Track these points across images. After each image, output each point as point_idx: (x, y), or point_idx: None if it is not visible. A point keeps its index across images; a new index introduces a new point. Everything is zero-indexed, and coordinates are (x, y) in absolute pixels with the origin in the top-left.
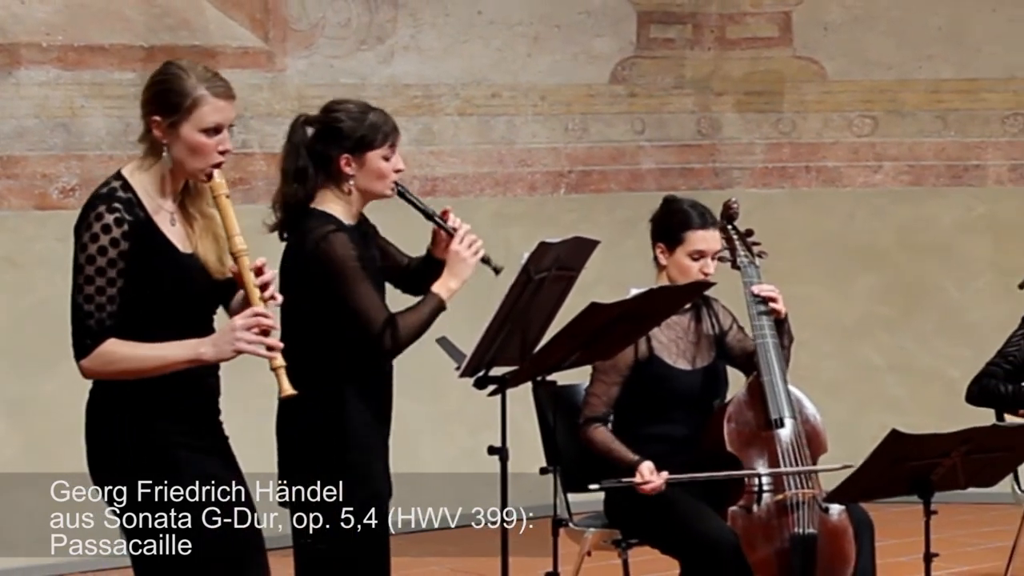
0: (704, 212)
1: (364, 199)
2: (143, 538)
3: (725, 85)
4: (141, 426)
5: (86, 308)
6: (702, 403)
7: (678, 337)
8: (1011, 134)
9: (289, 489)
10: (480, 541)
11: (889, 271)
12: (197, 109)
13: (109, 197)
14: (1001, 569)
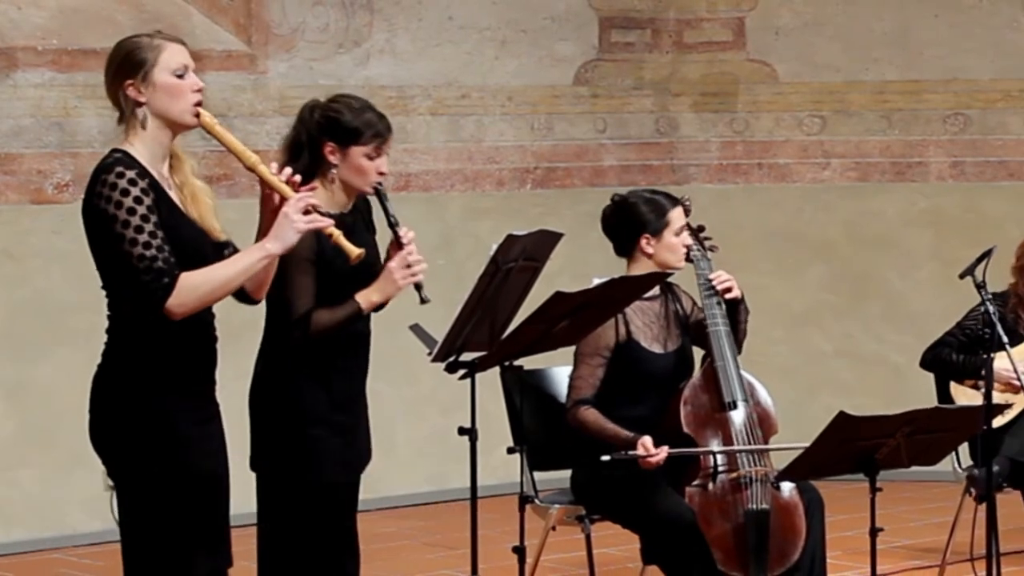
0: (667, 193)
1: (347, 192)
2: (139, 508)
3: (682, 87)
4: (147, 399)
5: (149, 255)
6: (671, 385)
7: (652, 322)
8: (952, 133)
9: (256, 465)
10: (451, 516)
11: (837, 262)
12: (160, 56)
13: (119, 161)
14: (942, 543)
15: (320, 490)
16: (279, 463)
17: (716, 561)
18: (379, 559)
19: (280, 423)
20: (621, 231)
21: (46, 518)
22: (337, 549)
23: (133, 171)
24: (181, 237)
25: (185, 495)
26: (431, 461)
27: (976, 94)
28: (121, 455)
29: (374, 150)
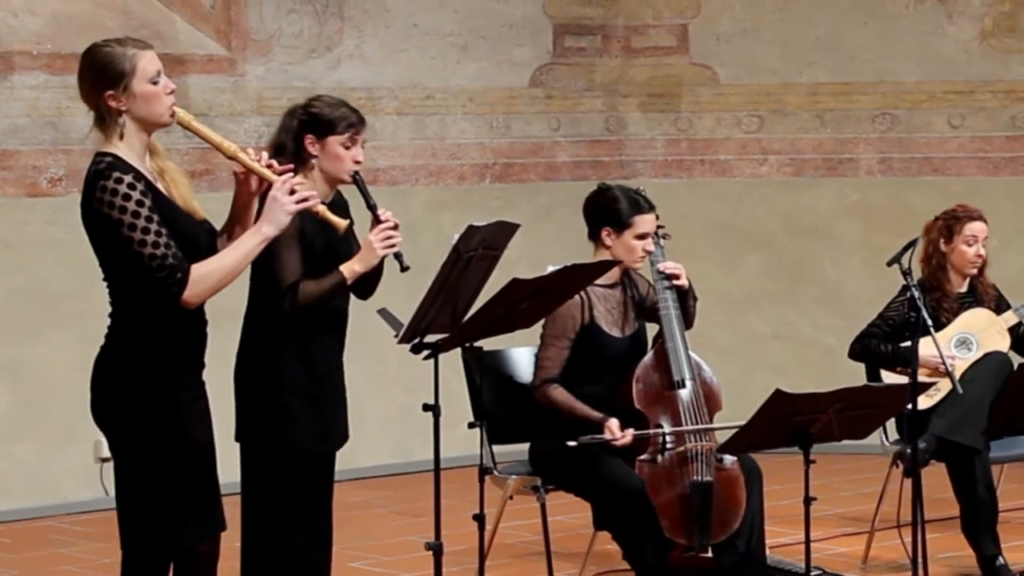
0: (644, 197)
1: (328, 182)
2: (138, 476)
3: (630, 88)
4: (146, 377)
5: (159, 253)
6: (626, 366)
7: (612, 308)
8: (880, 131)
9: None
10: (416, 486)
11: (773, 251)
12: (137, 66)
13: (113, 166)
14: (871, 511)
15: (294, 457)
16: (258, 431)
17: (663, 528)
18: (350, 526)
19: (259, 393)
20: (591, 217)
21: (41, 488)
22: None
23: (129, 175)
24: (179, 228)
25: (180, 463)
26: (398, 435)
27: (903, 95)
28: (122, 428)
29: (349, 140)
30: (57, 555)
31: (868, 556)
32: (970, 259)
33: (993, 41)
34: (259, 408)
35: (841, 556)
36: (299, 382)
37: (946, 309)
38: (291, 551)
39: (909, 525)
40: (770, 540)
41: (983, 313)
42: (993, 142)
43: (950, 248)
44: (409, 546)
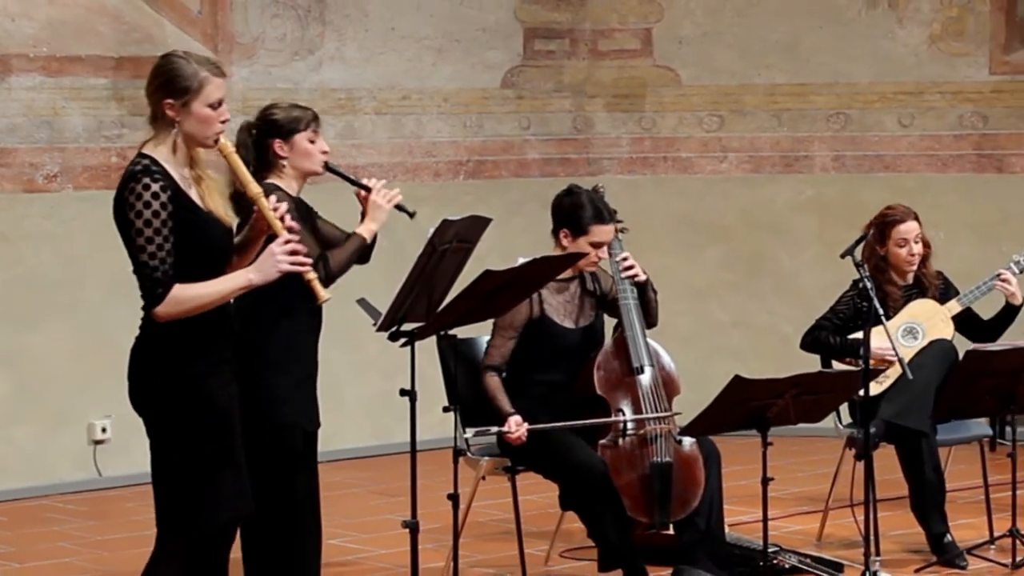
0: (608, 209)
1: (299, 177)
2: (172, 457)
3: (597, 89)
4: (179, 365)
5: (152, 264)
6: (581, 355)
7: (566, 300)
8: (834, 130)
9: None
10: (393, 467)
11: (733, 244)
12: (203, 89)
13: (148, 171)
14: (825, 491)
15: (282, 432)
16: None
17: (625, 508)
18: (330, 506)
19: (246, 374)
20: (555, 216)
21: (37, 470)
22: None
23: (158, 183)
24: (206, 235)
25: (212, 445)
26: (376, 419)
27: (856, 96)
28: (157, 413)
29: (312, 133)
30: (52, 533)
31: (822, 533)
32: (904, 259)
33: (941, 45)
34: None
35: (797, 533)
36: (284, 363)
37: (892, 303)
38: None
39: (861, 504)
40: (729, 518)
41: (927, 303)
42: (941, 140)
43: (885, 250)
44: (387, 524)
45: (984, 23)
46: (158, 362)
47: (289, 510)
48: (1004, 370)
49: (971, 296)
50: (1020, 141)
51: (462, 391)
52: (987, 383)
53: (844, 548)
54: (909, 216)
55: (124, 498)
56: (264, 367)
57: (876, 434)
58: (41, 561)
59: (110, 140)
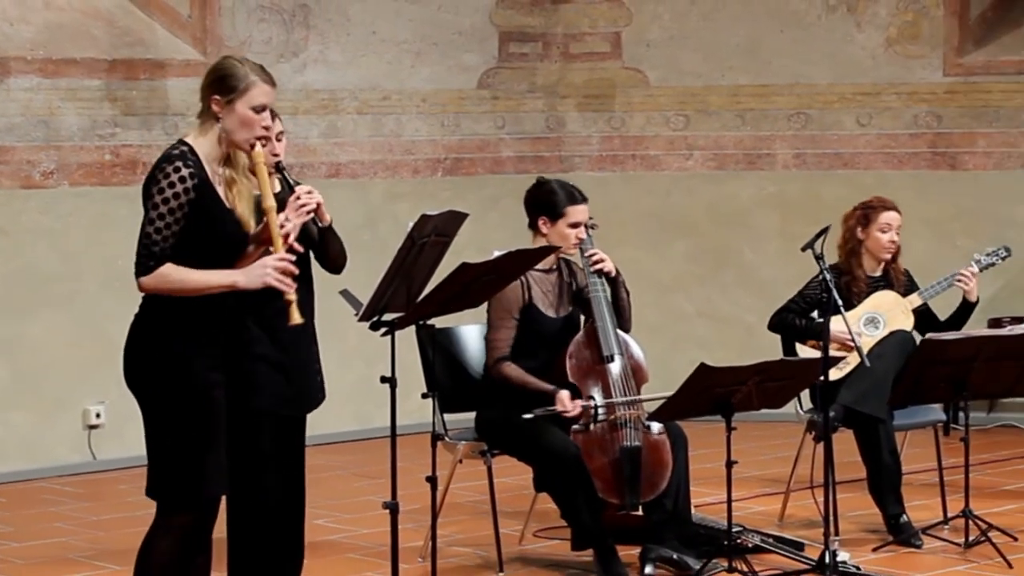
0: (578, 190)
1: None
2: (161, 430)
3: (568, 90)
4: (166, 345)
5: (154, 237)
6: (560, 343)
7: (548, 290)
8: (795, 129)
9: None
10: (374, 451)
11: (698, 238)
12: (249, 91)
13: (183, 156)
14: (787, 474)
15: (261, 419)
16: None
17: (597, 490)
18: (314, 488)
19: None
20: (530, 207)
21: (34, 453)
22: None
23: (188, 169)
24: (220, 229)
25: (198, 423)
26: (358, 405)
27: (815, 96)
28: (148, 391)
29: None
30: (48, 513)
31: (784, 514)
32: (884, 245)
33: (897, 47)
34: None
35: (760, 514)
36: (264, 350)
37: (857, 291)
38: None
39: (821, 486)
40: (695, 500)
41: (890, 295)
42: (897, 139)
43: (866, 235)
44: (368, 505)
45: (938, 27)
46: (148, 341)
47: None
48: (957, 358)
49: (932, 291)
50: (973, 140)
51: (440, 378)
52: (941, 371)
53: (805, 528)
54: (893, 207)
55: (118, 480)
56: (255, 361)
57: (835, 418)
58: (38, 540)
59: (103, 139)
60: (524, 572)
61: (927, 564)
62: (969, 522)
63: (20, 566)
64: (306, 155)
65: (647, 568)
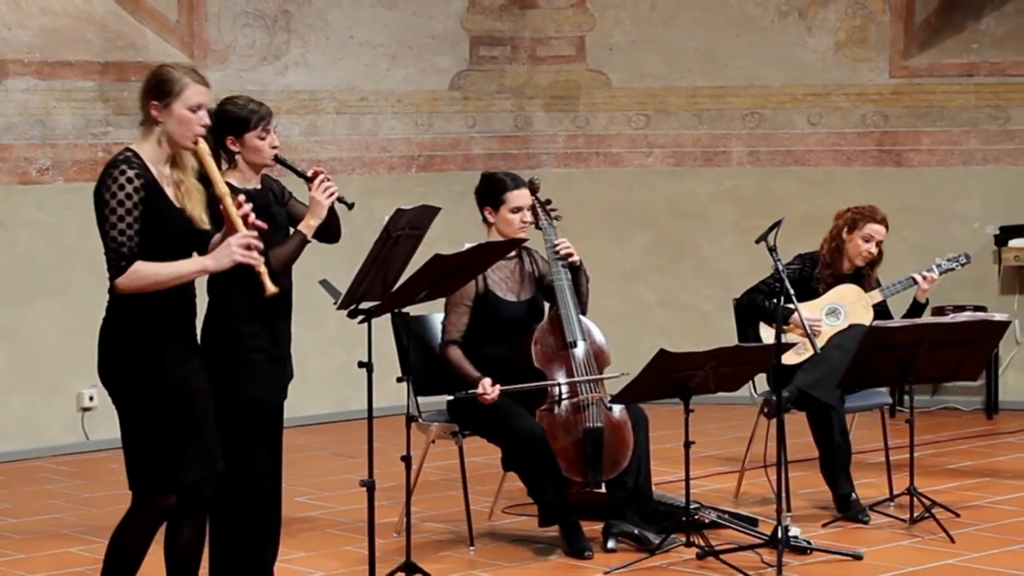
0: (515, 176)
1: (254, 169)
2: (136, 422)
3: (536, 91)
4: (142, 340)
5: (119, 239)
6: (524, 327)
7: (507, 277)
8: (749, 128)
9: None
10: (352, 432)
11: (658, 231)
12: (184, 92)
13: (128, 161)
14: (741, 453)
15: (254, 407)
16: (223, 385)
17: (561, 468)
18: (296, 467)
19: (225, 353)
20: (477, 201)
21: (30, 434)
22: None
23: (133, 171)
24: (171, 228)
25: (172, 413)
26: (336, 388)
27: (769, 97)
28: (122, 384)
29: (263, 131)
30: (44, 491)
31: (739, 492)
32: (861, 252)
33: (846, 51)
34: (225, 366)
35: (716, 491)
36: (261, 343)
37: (828, 283)
38: (252, 487)
39: (774, 465)
40: (655, 478)
41: (853, 289)
42: (846, 137)
43: (849, 238)
44: (346, 483)
45: (885, 31)
46: (121, 337)
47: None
48: (903, 344)
49: (892, 289)
50: (917, 138)
51: (414, 363)
52: (888, 356)
53: (758, 505)
54: (883, 221)
55: (109, 460)
56: (252, 353)
57: (789, 399)
58: (35, 516)
59: (96, 137)
60: (493, 547)
61: (874, 539)
62: (914, 499)
63: (17, 540)
64: (288, 153)
65: (610, 543)
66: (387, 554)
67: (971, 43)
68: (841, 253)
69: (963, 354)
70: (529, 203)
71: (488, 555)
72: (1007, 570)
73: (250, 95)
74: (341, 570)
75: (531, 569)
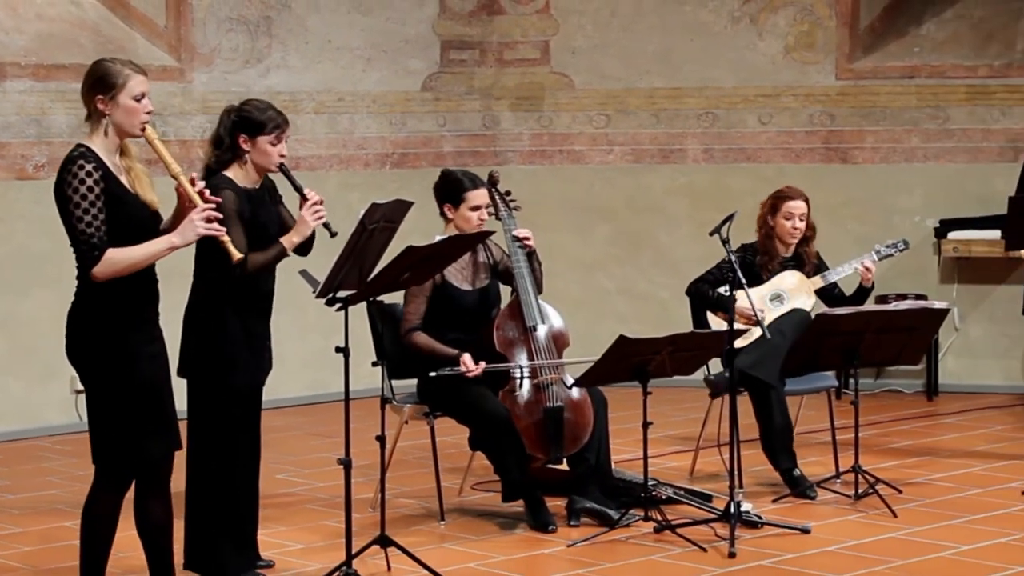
0: (473, 176)
1: (258, 172)
2: (102, 405)
3: (503, 92)
4: (107, 325)
5: (88, 231)
6: (479, 314)
7: (462, 267)
8: (704, 127)
9: (185, 373)
10: (329, 413)
11: (618, 223)
12: (127, 83)
13: (83, 156)
14: (696, 433)
15: (235, 392)
16: (206, 372)
17: (525, 446)
18: (276, 446)
19: (208, 343)
20: (437, 197)
21: (27, 415)
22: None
23: (91, 164)
24: (128, 210)
25: (135, 394)
26: (315, 372)
27: (722, 98)
28: (89, 367)
29: (275, 138)
30: (40, 469)
31: (694, 469)
32: (788, 231)
33: (795, 54)
34: (208, 354)
35: (672, 469)
36: (239, 334)
37: (769, 270)
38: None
39: (727, 445)
40: (615, 456)
41: (796, 275)
42: (795, 136)
43: (775, 222)
44: (324, 461)
45: (831, 36)
46: (89, 322)
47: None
48: (849, 331)
49: (834, 275)
50: (862, 137)
51: (388, 348)
52: (834, 342)
53: (712, 482)
54: (800, 196)
55: None
56: (232, 344)
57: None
58: (32, 492)
59: None
60: (462, 521)
61: (821, 514)
62: (858, 476)
63: (15, 514)
64: None
65: (571, 518)
66: (363, 528)
67: (912, 47)
68: (772, 238)
69: (905, 340)
70: (486, 202)
71: (458, 529)
72: (947, 543)
73: (233, 97)
74: (319, 543)
75: (498, 542)
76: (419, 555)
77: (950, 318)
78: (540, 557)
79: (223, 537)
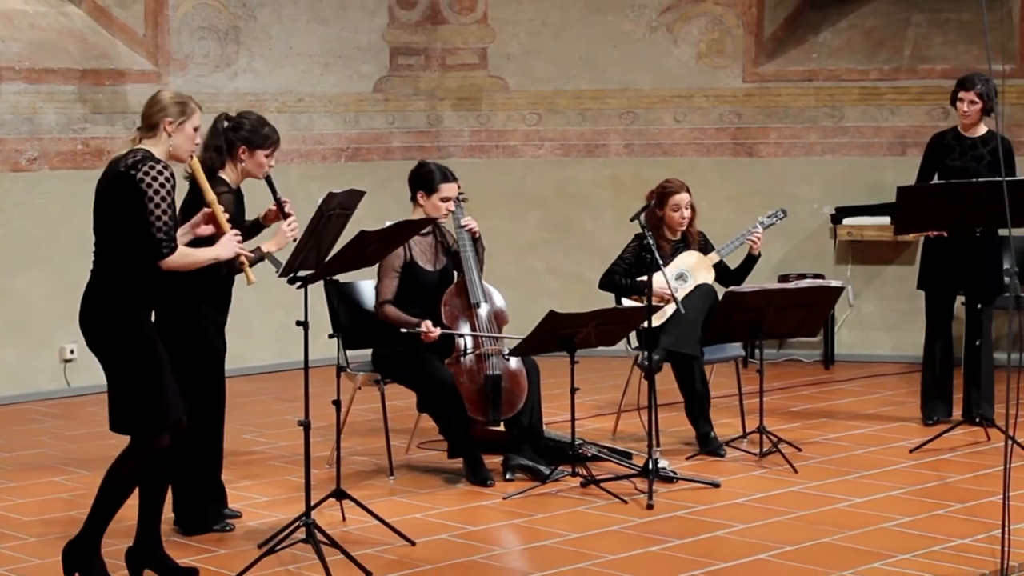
0: (446, 170)
1: (244, 175)
2: (128, 375)
3: (446, 94)
4: (124, 300)
5: (164, 227)
6: (438, 291)
7: (426, 249)
8: (625, 124)
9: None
10: (290, 380)
11: (548, 211)
12: (193, 116)
13: (160, 160)
14: (618, 398)
15: (214, 361)
16: (185, 347)
17: (467, 410)
18: (243, 410)
19: (184, 322)
20: (411, 184)
21: (20, 382)
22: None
23: (168, 169)
24: (176, 213)
25: (154, 365)
26: (278, 343)
27: (641, 99)
28: (109, 345)
29: (269, 153)
30: (32, 430)
31: (616, 430)
32: (677, 221)
33: (707, 60)
34: (186, 332)
35: (597, 430)
36: (211, 314)
37: (663, 254)
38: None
39: (646, 408)
40: (546, 418)
41: (694, 255)
42: (706, 132)
43: (663, 213)
44: (286, 423)
45: (739, 43)
46: (108, 298)
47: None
48: (754, 306)
49: (726, 249)
50: (766, 133)
51: (343, 322)
52: (742, 316)
53: (633, 441)
54: (682, 189)
55: (87, 404)
56: (206, 323)
57: (660, 360)
58: (24, 452)
59: (76, 132)
60: (410, 476)
61: (729, 469)
62: (763, 437)
63: (10, 471)
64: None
65: (507, 474)
66: (320, 483)
67: (811, 53)
68: (661, 228)
69: (805, 315)
70: (456, 194)
71: (405, 483)
72: (842, 496)
73: (205, 98)
74: (282, 496)
75: (442, 495)
76: (371, 507)
77: (845, 295)
78: (479, 508)
79: (203, 493)
